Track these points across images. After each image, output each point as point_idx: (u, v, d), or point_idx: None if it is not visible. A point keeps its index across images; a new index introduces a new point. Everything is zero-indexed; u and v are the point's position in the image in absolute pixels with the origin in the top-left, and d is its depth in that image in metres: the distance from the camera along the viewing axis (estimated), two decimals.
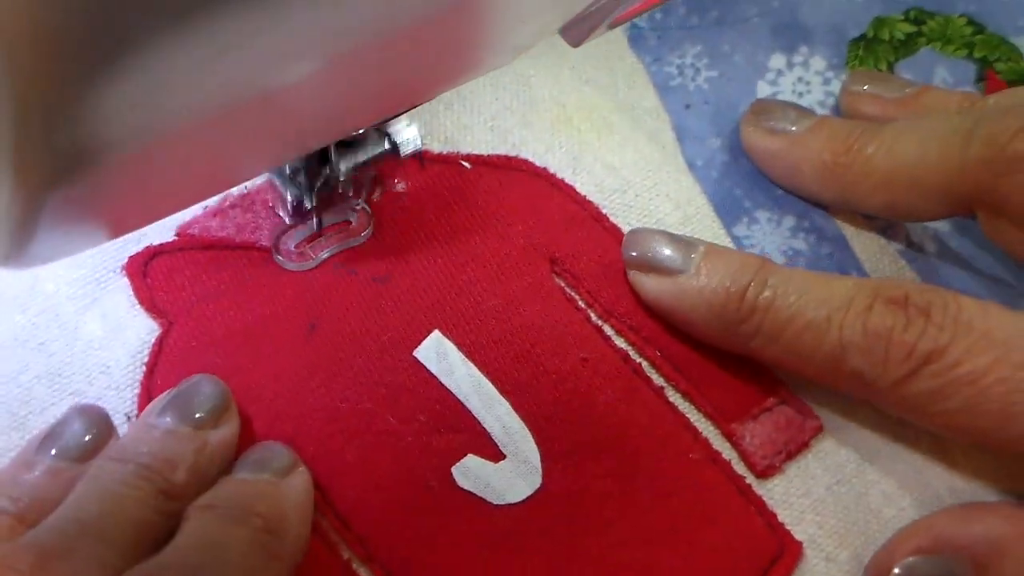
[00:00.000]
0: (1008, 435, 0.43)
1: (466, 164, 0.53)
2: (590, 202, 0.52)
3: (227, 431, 0.45)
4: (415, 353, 0.48)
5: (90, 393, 0.46)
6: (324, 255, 0.50)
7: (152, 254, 0.49)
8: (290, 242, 0.49)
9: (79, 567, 0.38)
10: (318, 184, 0.48)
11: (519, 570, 0.44)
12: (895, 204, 0.50)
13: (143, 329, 0.48)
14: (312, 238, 0.50)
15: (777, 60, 0.57)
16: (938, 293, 0.44)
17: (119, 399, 0.46)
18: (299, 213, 0.49)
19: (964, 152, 0.47)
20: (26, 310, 0.48)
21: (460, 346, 0.48)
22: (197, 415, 0.44)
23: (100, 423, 0.44)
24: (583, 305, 0.50)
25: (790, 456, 0.47)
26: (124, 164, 0.27)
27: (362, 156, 0.47)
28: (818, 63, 0.57)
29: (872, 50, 0.57)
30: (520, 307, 0.49)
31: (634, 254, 0.49)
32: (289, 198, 0.48)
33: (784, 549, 0.45)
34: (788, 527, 0.46)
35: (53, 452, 0.43)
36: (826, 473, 0.47)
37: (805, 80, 0.57)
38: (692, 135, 0.55)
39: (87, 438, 0.44)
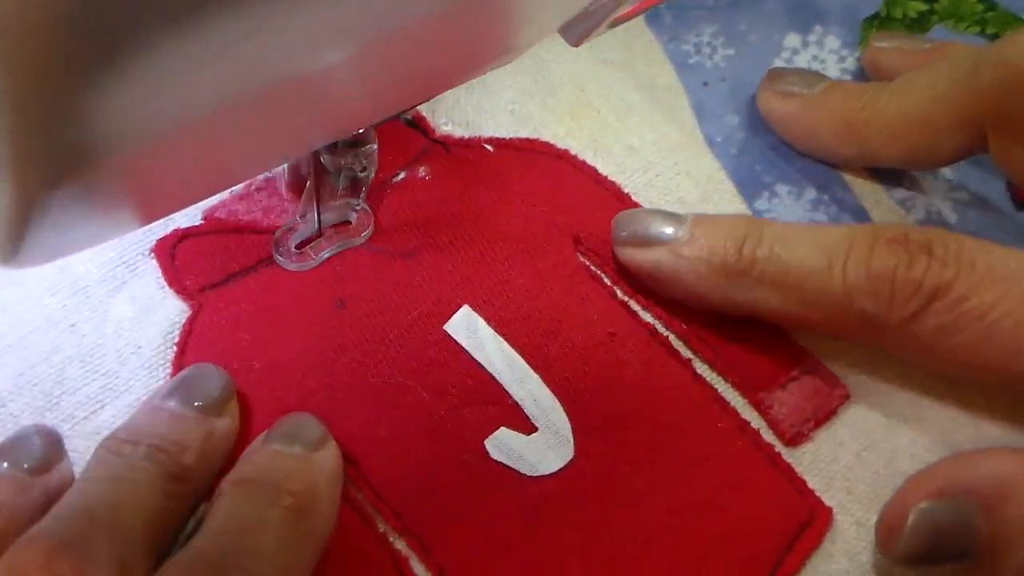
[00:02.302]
0: (1019, 368, 0.44)
1: (488, 147, 0.53)
2: (612, 181, 0.53)
3: (230, 422, 0.45)
4: (445, 327, 0.48)
5: (122, 374, 0.47)
6: (324, 255, 0.50)
7: (180, 237, 0.49)
8: (290, 242, 0.50)
9: (89, 563, 0.37)
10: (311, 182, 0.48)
11: (552, 541, 0.44)
12: (912, 150, 0.50)
13: (173, 310, 0.48)
14: (312, 239, 0.50)
15: (792, 39, 0.58)
16: (937, 232, 0.45)
17: (151, 378, 0.47)
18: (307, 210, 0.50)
19: (974, 79, 0.47)
20: (56, 292, 0.48)
21: (489, 321, 0.48)
22: (203, 401, 0.44)
23: (53, 443, 0.44)
24: (608, 283, 0.50)
25: (818, 424, 0.48)
26: (125, 163, 0.27)
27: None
28: (832, 42, 0.58)
29: (885, 28, 0.58)
30: (547, 284, 0.50)
31: (624, 234, 0.49)
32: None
33: (814, 515, 0.46)
34: (818, 494, 0.46)
35: (5, 465, 0.43)
36: (854, 439, 0.48)
37: (820, 59, 0.57)
38: (710, 112, 0.56)
39: (38, 453, 0.43)
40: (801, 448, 0.47)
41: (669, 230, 0.48)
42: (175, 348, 0.47)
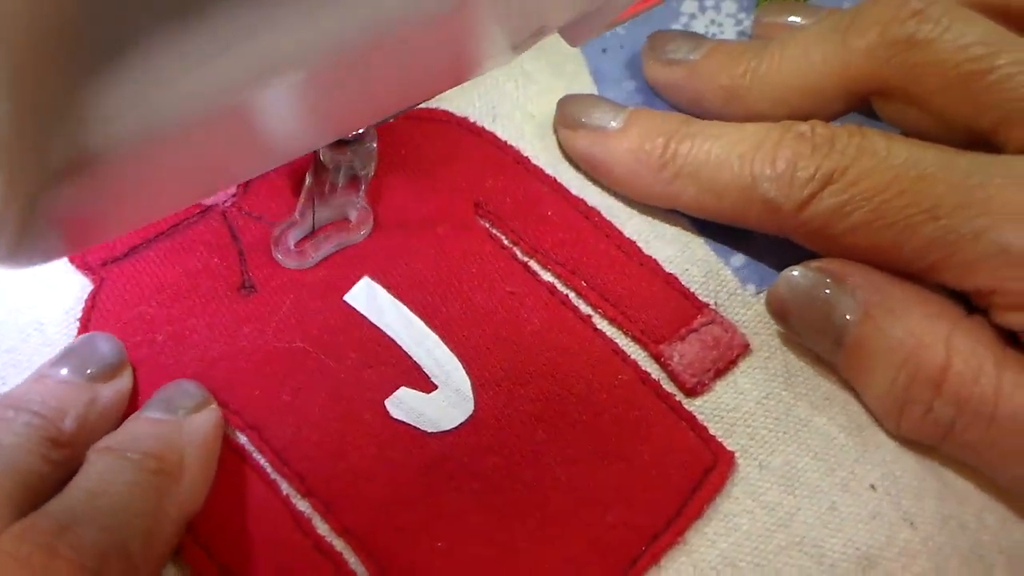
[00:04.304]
0: (909, 249, 0.45)
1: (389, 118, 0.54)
2: (511, 146, 0.54)
3: (119, 386, 0.45)
4: (345, 298, 0.49)
5: (24, 350, 0.47)
6: (323, 253, 0.50)
7: None
8: (289, 240, 0.50)
9: None
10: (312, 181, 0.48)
11: (455, 494, 0.45)
12: (795, 114, 0.50)
13: (76, 286, 0.48)
14: (311, 236, 0.50)
15: (689, 5, 0.59)
16: (844, 127, 0.47)
17: (53, 354, 0.47)
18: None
19: (846, 47, 0.49)
20: None
21: (389, 288, 0.49)
22: (90, 369, 0.44)
23: None
24: (508, 244, 0.51)
25: (719, 374, 0.48)
26: (122, 164, 0.27)
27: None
28: (729, 6, 0.59)
29: None
30: (444, 247, 0.50)
31: (567, 114, 0.53)
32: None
33: (717, 459, 0.46)
34: (720, 439, 0.47)
35: None
36: (755, 388, 0.48)
37: (717, 22, 0.58)
38: (609, 78, 0.56)
39: None
40: (702, 398, 0.48)
41: (606, 119, 0.52)
42: (78, 324, 0.48)
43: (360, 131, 0.48)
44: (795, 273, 0.48)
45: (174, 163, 0.31)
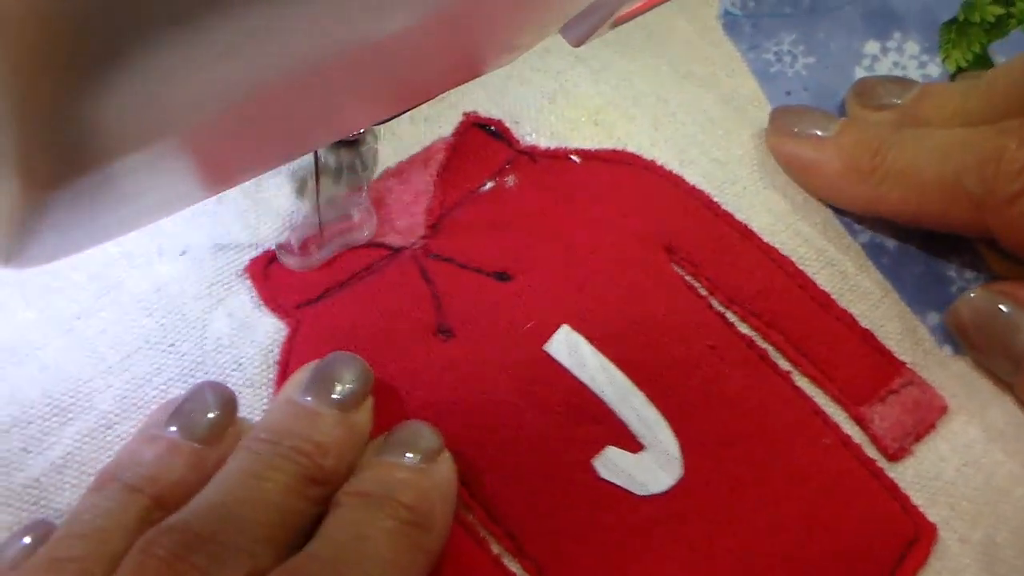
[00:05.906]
0: None
1: (575, 158, 0.53)
2: (701, 191, 0.52)
3: (367, 414, 0.45)
4: (545, 348, 0.48)
5: None
6: (327, 252, 0.49)
7: (272, 257, 0.49)
8: (292, 240, 0.49)
9: (220, 555, 0.37)
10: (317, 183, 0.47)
11: (667, 560, 0.44)
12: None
13: (271, 328, 0.48)
14: (314, 236, 0.49)
15: (871, 46, 0.58)
16: None
17: (255, 396, 0.46)
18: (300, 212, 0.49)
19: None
20: (152, 313, 0.47)
21: (588, 339, 0.48)
22: (343, 397, 0.44)
23: (226, 405, 0.44)
24: (704, 293, 0.50)
25: (919, 438, 0.48)
26: (129, 163, 0.27)
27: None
28: (912, 47, 0.58)
29: (964, 33, 0.58)
30: (643, 297, 0.49)
31: (780, 123, 0.54)
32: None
33: (920, 532, 0.46)
34: (921, 510, 0.46)
35: (174, 429, 0.43)
36: (955, 454, 0.48)
37: (901, 64, 0.57)
38: None
39: (211, 417, 0.43)
40: (903, 463, 0.47)
41: (818, 128, 0.52)
42: (277, 367, 0.47)
43: (362, 131, 0.47)
44: (974, 295, 0.48)
45: (183, 162, 0.30)
